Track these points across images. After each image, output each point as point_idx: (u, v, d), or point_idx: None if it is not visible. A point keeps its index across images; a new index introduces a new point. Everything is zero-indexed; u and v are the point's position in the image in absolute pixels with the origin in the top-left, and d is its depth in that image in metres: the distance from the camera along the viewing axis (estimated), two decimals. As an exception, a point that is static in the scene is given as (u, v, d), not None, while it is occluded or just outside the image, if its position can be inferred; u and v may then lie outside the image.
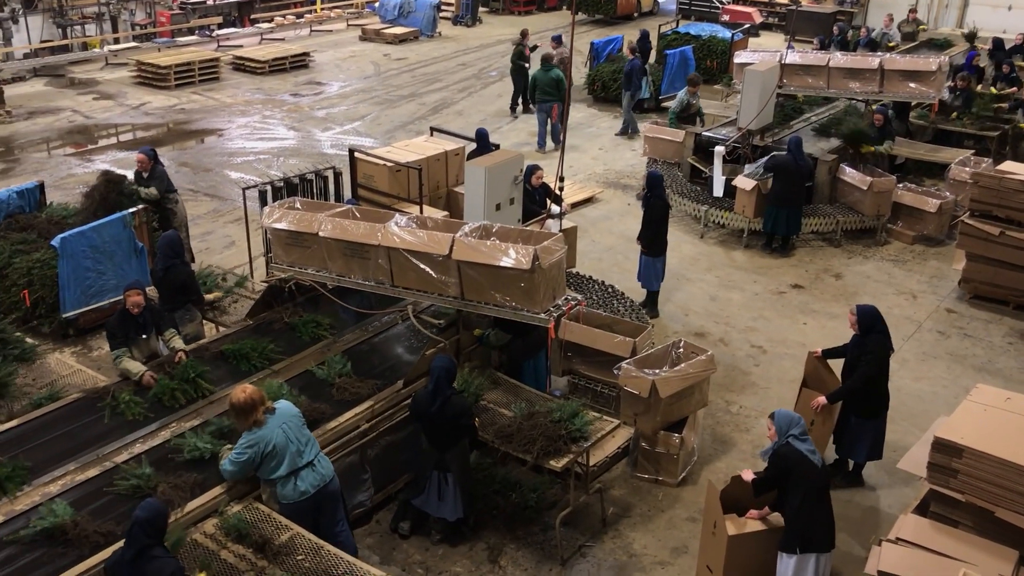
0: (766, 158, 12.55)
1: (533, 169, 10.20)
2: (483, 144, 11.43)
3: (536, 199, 10.24)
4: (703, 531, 6.79)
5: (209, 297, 8.90)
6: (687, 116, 14.88)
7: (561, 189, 9.99)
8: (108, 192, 10.39)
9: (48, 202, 11.06)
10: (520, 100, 18.74)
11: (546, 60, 16.33)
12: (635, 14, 27.98)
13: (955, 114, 15.40)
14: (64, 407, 7.07)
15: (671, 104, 15.48)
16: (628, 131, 17.38)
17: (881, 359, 7.60)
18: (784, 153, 12.08)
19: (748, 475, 6.50)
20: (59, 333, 9.62)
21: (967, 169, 12.83)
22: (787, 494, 6.23)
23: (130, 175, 10.96)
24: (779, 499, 6.35)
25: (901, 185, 13.07)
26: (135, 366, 7.26)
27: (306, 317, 8.27)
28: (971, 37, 20.09)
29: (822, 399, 7.74)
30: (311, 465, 6.24)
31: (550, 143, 16.38)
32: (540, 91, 16.18)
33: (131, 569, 4.96)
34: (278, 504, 6.23)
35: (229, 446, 6.34)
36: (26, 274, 9.46)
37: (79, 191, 11.05)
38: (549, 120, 16.36)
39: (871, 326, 7.60)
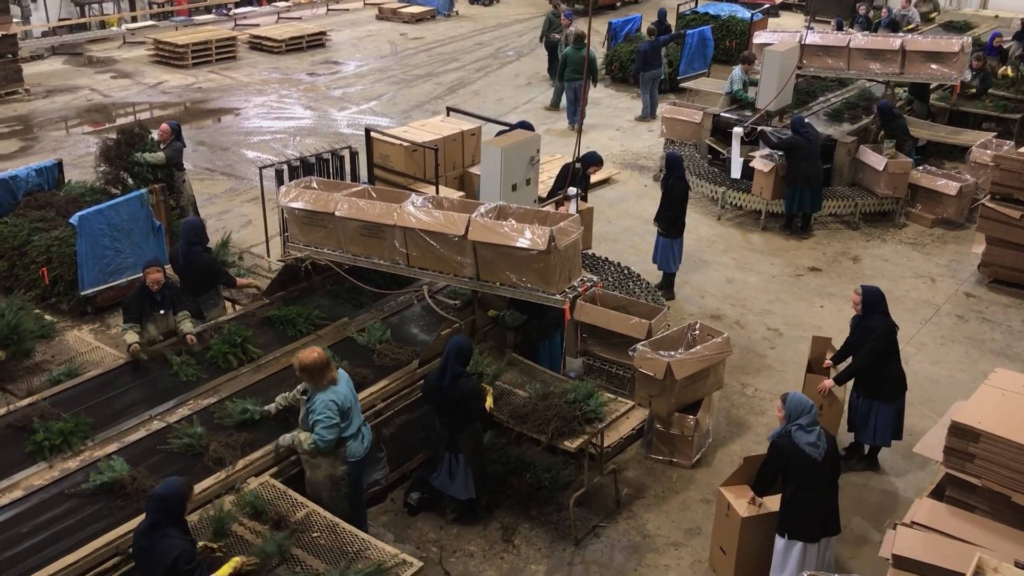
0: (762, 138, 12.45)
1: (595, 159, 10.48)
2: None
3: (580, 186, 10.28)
4: (716, 512, 6.80)
5: (243, 282, 8.86)
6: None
7: (578, 171, 9.96)
8: (121, 144, 10.80)
9: (66, 180, 11.13)
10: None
11: (579, 38, 16.28)
12: (617, 4, 27.06)
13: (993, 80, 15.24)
14: (119, 368, 7.28)
15: (719, 85, 15.32)
16: (645, 115, 17.22)
17: (886, 337, 7.53)
18: (792, 135, 11.99)
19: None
20: (77, 311, 9.69)
21: (988, 152, 12.68)
22: (784, 481, 6.28)
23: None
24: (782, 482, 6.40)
25: (921, 168, 12.95)
26: (130, 336, 7.28)
27: (348, 285, 8.32)
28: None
29: (829, 382, 7.73)
30: (365, 422, 6.58)
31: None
32: (571, 69, 16.15)
33: (146, 540, 5.12)
34: (345, 465, 6.36)
35: (300, 432, 6.35)
36: (45, 252, 9.53)
37: (97, 169, 11.12)
38: (579, 98, 16.31)
39: (874, 307, 7.56)
